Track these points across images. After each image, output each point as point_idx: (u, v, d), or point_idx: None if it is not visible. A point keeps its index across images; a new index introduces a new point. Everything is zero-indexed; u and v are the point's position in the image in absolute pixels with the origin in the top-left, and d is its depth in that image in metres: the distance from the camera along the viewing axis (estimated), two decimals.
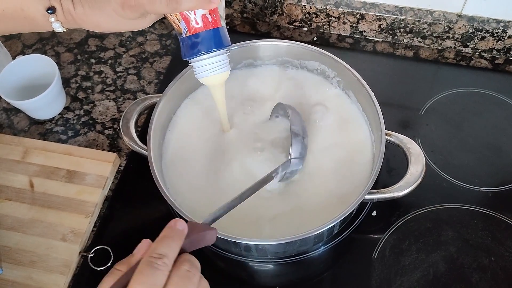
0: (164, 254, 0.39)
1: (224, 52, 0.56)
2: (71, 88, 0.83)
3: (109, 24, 0.53)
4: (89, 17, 0.52)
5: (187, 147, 0.69)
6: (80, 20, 0.53)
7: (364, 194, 0.58)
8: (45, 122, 0.79)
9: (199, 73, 0.57)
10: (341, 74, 0.70)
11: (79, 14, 0.52)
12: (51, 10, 0.52)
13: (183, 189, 0.66)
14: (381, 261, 0.64)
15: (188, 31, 0.52)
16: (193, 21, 0.52)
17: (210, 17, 0.52)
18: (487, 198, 0.68)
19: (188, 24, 0.52)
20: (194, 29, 0.52)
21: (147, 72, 0.84)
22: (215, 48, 0.54)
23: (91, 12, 0.51)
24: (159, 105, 0.67)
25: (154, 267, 0.38)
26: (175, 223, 0.42)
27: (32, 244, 0.66)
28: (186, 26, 0.52)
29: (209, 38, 0.53)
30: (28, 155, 0.73)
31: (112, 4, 0.50)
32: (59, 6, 0.52)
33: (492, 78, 0.80)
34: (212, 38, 0.53)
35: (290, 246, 0.60)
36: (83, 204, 0.69)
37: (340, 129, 0.69)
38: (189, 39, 0.53)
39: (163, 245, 0.40)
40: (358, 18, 0.83)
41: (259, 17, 0.89)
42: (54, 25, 0.53)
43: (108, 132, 0.78)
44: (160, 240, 0.40)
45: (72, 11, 0.52)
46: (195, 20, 0.52)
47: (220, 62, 0.56)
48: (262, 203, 0.62)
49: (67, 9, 0.52)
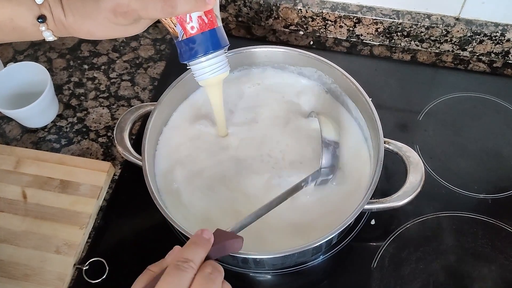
0: (190, 258, 0.43)
1: (222, 53, 0.55)
2: (64, 95, 0.81)
3: (102, 32, 0.51)
4: (81, 26, 0.51)
5: (182, 155, 0.68)
6: (72, 28, 0.51)
7: (363, 204, 0.57)
8: (38, 131, 0.78)
9: (199, 75, 0.56)
10: (338, 80, 0.69)
11: (70, 22, 0.51)
12: (41, 19, 0.50)
13: (178, 198, 0.64)
14: (380, 271, 0.63)
15: (185, 34, 0.51)
16: (189, 24, 0.50)
17: (206, 18, 0.51)
18: (486, 205, 0.67)
19: (184, 27, 0.51)
20: (190, 32, 0.51)
21: (141, 78, 0.83)
22: (212, 50, 0.53)
23: (82, 21, 0.50)
24: (153, 114, 0.66)
25: (181, 269, 0.42)
26: (201, 232, 0.46)
27: (26, 257, 0.65)
28: (182, 29, 0.51)
29: (206, 40, 0.52)
30: (20, 165, 0.72)
31: (103, 12, 0.49)
32: (50, 14, 0.50)
33: (490, 82, 0.80)
34: (209, 40, 0.52)
35: (288, 258, 0.59)
36: (77, 215, 0.68)
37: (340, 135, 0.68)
38: (186, 42, 0.52)
39: (189, 250, 0.44)
40: (354, 21, 0.82)
41: (255, 21, 0.88)
42: (45, 34, 0.52)
43: (102, 140, 0.76)
44: (187, 246, 0.45)
45: (63, 20, 0.51)
46: (191, 22, 0.50)
47: (219, 63, 0.55)
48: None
49: (57, 18, 0.51)
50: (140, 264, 0.64)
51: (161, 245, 0.66)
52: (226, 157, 0.67)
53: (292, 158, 0.66)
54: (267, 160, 0.66)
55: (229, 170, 0.66)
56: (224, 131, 0.68)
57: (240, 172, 0.66)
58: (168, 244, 0.66)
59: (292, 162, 0.66)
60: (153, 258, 0.65)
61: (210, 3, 0.48)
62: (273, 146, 0.67)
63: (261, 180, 0.64)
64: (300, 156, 0.66)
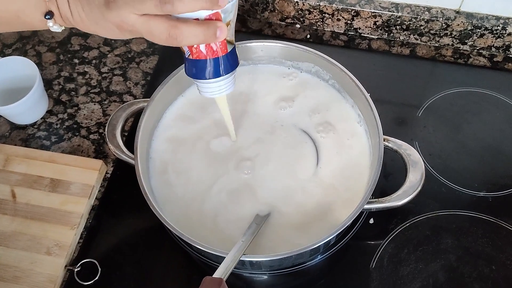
0: None
1: (231, 75, 0.52)
2: (53, 91, 0.79)
3: (110, 36, 0.49)
4: (88, 27, 0.49)
5: (176, 154, 0.66)
6: (79, 26, 0.50)
7: (362, 204, 0.56)
8: (27, 127, 0.76)
9: (203, 92, 0.53)
10: (336, 76, 0.68)
11: (77, 21, 0.49)
12: (48, 15, 0.49)
13: (171, 198, 0.63)
14: (379, 271, 0.62)
15: (191, 55, 0.48)
16: (196, 49, 0.47)
17: (215, 46, 0.47)
18: (487, 203, 0.66)
19: (190, 50, 0.48)
20: (197, 55, 0.48)
21: (133, 73, 0.80)
22: (221, 76, 0.50)
23: (90, 24, 0.48)
24: (146, 111, 0.64)
25: None
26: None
27: (15, 258, 0.63)
28: (188, 50, 0.48)
29: (214, 66, 0.48)
30: (9, 163, 0.70)
31: (109, 23, 0.46)
32: (57, 10, 0.49)
33: (491, 77, 0.78)
34: (218, 66, 0.49)
35: (286, 260, 0.58)
36: (68, 215, 0.66)
37: (337, 135, 0.66)
38: (192, 63, 0.49)
39: None
40: (352, 14, 0.80)
41: (250, 14, 0.86)
42: (53, 29, 0.50)
43: (94, 137, 0.74)
44: None
45: (70, 18, 0.49)
46: (198, 48, 0.47)
47: (225, 85, 0.52)
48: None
49: (65, 15, 0.49)
50: (134, 265, 0.64)
51: (155, 245, 0.66)
52: (222, 155, 0.66)
53: (278, 157, 0.65)
54: (260, 158, 0.65)
55: (224, 168, 0.64)
56: (233, 135, 0.65)
57: (235, 169, 0.64)
58: (162, 244, 0.65)
59: (280, 161, 0.65)
60: (147, 258, 0.65)
61: (221, 36, 0.45)
62: (267, 145, 0.66)
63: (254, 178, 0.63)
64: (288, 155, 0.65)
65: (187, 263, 0.66)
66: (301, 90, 0.70)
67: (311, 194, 0.62)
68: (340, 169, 0.64)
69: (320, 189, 0.62)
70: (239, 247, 0.53)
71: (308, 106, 0.69)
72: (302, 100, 0.69)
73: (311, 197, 0.62)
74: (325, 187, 0.62)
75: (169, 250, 0.65)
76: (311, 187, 0.63)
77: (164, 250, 0.65)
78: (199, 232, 0.59)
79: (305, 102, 0.69)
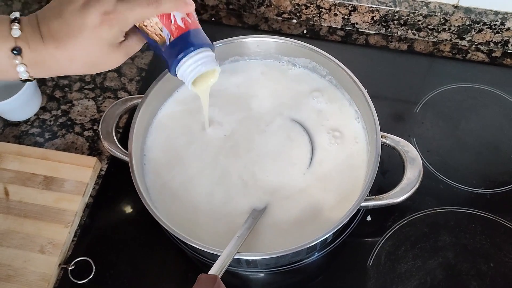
0: None
1: (211, 50, 0.53)
2: (47, 87, 0.78)
3: (85, 53, 0.47)
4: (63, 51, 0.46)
5: (171, 151, 0.66)
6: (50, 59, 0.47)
7: (360, 202, 0.55)
8: (20, 124, 0.75)
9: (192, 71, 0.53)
10: (333, 72, 0.67)
11: (50, 50, 0.46)
12: (16, 51, 0.46)
13: (166, 196, 0.62)
14: (376, 269, 0.61)
15: (172, 36, 0.50)
16: (174, 25, 0.50)
17: (190, 19, 0.51)
18: (485, 200, 0.66)
19: (170, 30, 0.50)
20: (177, 32, 0.50)
21: (128, 69, 0.79)
22: (202, 44, 0.52)
23: (65, 43, 0.46)
24: (141, 108, 0.63)
25: None
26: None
27: (8, 257, 0.62)
28: (168, 32, 0.50)
29: (194, 36, 0.51)
30: (2, 161, 0.69)
31: (88, 28, 0.45)
32: (26, 46, 0.46)
33: (489, 72, 0.77)
34: (197, 36, 0.51)
35: (282, 258, 0.58)
36: (62, 212, 0.65)
37: (334, 131, 0.66)
38: (174, 43, 0.50)
39: None
40: (350, 9, 0.79)
41: (246, 9, 0.85)
42: (19, 69, 0.47)
43: (88, 134, 0.73)
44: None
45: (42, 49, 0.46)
46: (176, 23, 0.50)
47: (209, 57, 0.53)
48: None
49: (35, 48, 0.46)
50: (128, 263, 0.64)
51: (149, 243, 0.65)
52: (217, 151, 0.65)
53: (274, 152, 0.65)
54: (256, 153, 0.64)
55: (220, 164, 0.64)
56: (207, 125, 0.66)
57: (230, 165, 0.64)
58: (157, 242, 0.65)
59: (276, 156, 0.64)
60: (142, 257, 0.64)
61: (190, 4, 0.49)
62: (263, 140, 0.65)
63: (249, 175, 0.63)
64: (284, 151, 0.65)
65: (182, 261, 0.65)
66: (298, 86, 0.69)
67: (307, 190, 0.61)
68: (337, 166, 0.63)
69: (317, 186, 0.62)
70: (234, 243, 0.53)
71: (305, 102, 0.68)
72: (299, 96, 0.68)
73: (307, 194, 0.61)
74: (322, 183, 0.62)
75: (164, 248, 0.64)
76: (307, 183, 0.62)
77: (159, 248, 0.64)
78: (194, 230, 0.58)
79: (302, 98, 0.68)
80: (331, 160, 0.63)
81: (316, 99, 0.68)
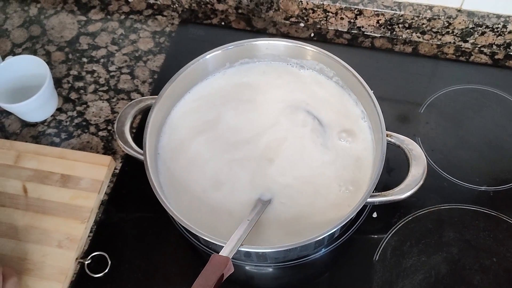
0: None
1: None
2: (63, 89, 0.81)
3: None
4: None
5: (184, 150, 0.68)
6: None
7: (366, 198, 0.57)
8: (38, 125, 0.77)
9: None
10: (340, 73, 0.69)
11: None
12: None
13: (180, 193, 0.64)
14: (382, 264, 0.63)
15: None
16: None
17: None
18: (488, 197, 0.67)
19: None
20: None
21: (140, 71, 0.82)
22: None
23: None
24: (154, 108, 0.66)
25: None
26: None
27: (27, 251, 0.65)
28: None
29: None
30: (20, 160, 0.71)
31: None
32: None
33: (492, 74, 0.79)
34: None
35: (291, 252, 0.60)
36: (78, 209, 0.67)
37: (342, 130, 0.68)
38: None
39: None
40: (356, 13, 0.82)
41: (255, 13, 0.87)
42: None
43: (102, 134, 0.76)
44: None
45: None
46: None
47: None
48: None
49: None
50: (142, 257, 0.66)
51: (162, 238, 0.67)
52: (228, 149, 0.67)
53: (288, 150, 0.66)
54: (267, 149, 0.67)
55: (233, 161, 0.66)
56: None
57: (243, 162, 0.66)
58: (169, 237, 0.67)
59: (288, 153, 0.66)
60: (155, 251, 0.66)
61: None
62: (272, 136, 0.67)
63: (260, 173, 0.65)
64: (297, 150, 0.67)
65: (194, 256, 0.67)
66: (306, 87, 0.72)
67: (315, 186, 0.63)
68: (344, 163, 0.65)
69: (324, 182, 0.63)
70: (245, 227, 0.55)
71: (312, 104, 0.70)
72: (306, 97, 0.71)
73: (315, 190, 0.63)
74: (330, 180, 0.64)
75: (176, 243, 0.67)
76: (315, 179, 0.64)
77: (171, 243, 0.67)
78: (207, 225, 0.60)
79: (310, 99, 0.71)
80: (338, 158, 0.65)
81: (323, 100, 0.70)
